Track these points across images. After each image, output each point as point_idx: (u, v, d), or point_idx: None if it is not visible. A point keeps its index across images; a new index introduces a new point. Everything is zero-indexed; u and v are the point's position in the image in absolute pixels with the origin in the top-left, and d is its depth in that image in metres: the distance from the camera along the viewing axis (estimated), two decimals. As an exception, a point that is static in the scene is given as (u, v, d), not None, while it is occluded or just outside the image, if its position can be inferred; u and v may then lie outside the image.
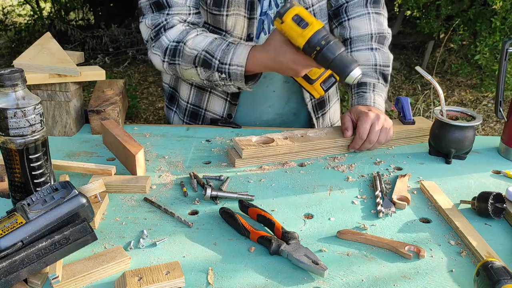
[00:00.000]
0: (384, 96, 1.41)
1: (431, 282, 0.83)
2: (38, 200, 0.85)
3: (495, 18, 3.52)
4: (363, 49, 1.44)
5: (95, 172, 1.15)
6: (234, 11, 1.36)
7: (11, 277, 0.77)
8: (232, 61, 1.25)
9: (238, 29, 1.38)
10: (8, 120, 0.92)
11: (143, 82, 5.00)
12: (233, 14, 1.36)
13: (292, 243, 0.89)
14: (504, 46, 1.26)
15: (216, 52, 1.27)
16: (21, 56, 1.37)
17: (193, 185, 1.13)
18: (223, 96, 1.49)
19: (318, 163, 1.26)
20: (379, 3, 1.48)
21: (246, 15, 1.37)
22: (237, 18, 1.37)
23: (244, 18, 1.37)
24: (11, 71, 0.91)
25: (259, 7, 1.38)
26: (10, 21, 6.83)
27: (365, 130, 1.25)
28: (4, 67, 1.94)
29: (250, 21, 1.38)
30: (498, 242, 0.94)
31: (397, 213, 1.04)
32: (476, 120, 1.26)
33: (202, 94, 1.51)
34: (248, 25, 1.38)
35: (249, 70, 1.25)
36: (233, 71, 1.25)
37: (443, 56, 5.19)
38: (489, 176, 1.21)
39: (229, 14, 1.36)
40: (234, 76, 1.26)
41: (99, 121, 1.39)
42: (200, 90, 1.51)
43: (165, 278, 0.80)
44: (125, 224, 0.99)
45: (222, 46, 1.27)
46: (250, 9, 1.36)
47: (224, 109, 1.51)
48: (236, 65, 1.24)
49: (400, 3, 5.05)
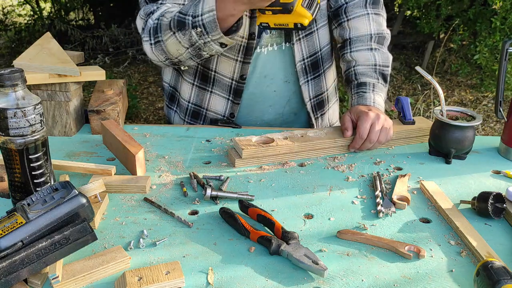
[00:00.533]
0: (383, 96, 1.41)
1: (431, 282, 0.83)
2: (38, 200, 0.85)
3: (495, 18, 3.52)
4: (363, 49, 1.44)
5: (95, 172, 1.15)
6: None
7: (11, 277, 0.77)
8: (202, 10, 1.18)
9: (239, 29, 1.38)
10: (8, 120, 0.92)
11: (143, 82, 5.00)
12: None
13: (292, 243, 0.89)
14: (504, 46, 1.26)
15: (189, 10, 1.21)
16: (21, 56, 1.37)
17: (193, 185, 1.13)
18: (225, 96, 1.49)
19: (318, 163, 1.26)
20: (378, 3, 1.49)
21: (247, 14, 1.37)
22: None
23: (245, 16, 1.37)
24: (11, 71, 0.91)
25: None
26: (10, 21, 6.83)
27: (365, 129, 1.25)
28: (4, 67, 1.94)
29: (252, 20, 1.38)
30: (498, 242, 0.94)
31: (397, 213, 1.04)
32: (476, 120, 1.26)
33: (204, 93, 1.51)
34: (250, 24, 1.38)
35: (222, 17, 1.18)
36: (206, 20, 1.18)
37: (443, 56, 5.19)
38: (489, 176, 1.21)
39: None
40: (209, 27, 1.19)
41: (99, 121, 1.39)
42: (201, 89, 1.51)
43: (165, 278, 0.80)
44: (125, 224, 0.99)
45: (194, 3, 1.21)
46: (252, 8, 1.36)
47: (226, 109, 1.51)
48: (208, 11, 1.17)
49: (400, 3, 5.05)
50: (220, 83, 1.48)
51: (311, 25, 1.45)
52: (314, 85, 1.54)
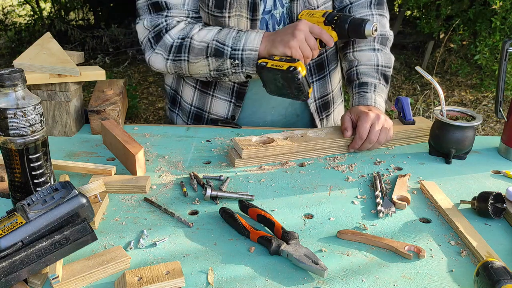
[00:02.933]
0: (384, 97, 1.41)
1: (431, 282, 0.83)
2: (38, 200, 0.85)
3: (495, 18, 3.52)
4: (366, 49, 1.44)
5: (95, 172, 1.15)
6: (236, 13, 1.36)
7: (11, 277, 0.77)
8: (245, 46, 1.27)
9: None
10: (8, 120, 0.92)
11: (143, 82, 5.00)
12: (235, 15, 1.36)
13: (292, 243, 0.89)
14: (504, 46, 1.26)
15: (227, 40, 1.29)
16: (21, 56, 1.37)
17: (193, 185, 1.13)
18: (227, 99, 1.48)
19: (318, 163, 1.26)
20: (382, 4, 1.49)
21: (248, 16, 1.37)
22: (239, 20, 1.37)
23: (246, 19, 1.37)
24: (11, 71, 0.91)
25: (261, 7, 1.38)
26: (10, 21, 6.83)
27: (365, 130, 1.25)
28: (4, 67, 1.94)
29: (253, 22, 1.38)
30: (498, 242, 0.94)
31: (397, 213, 1.04)
32: (476, 120, 1.26)
33: (205, 97, 1.51)
34: (251, 26, 1.38)
35: (262, 55, 1.28)
36: (246, 56, 1.27)
37: (443, 56, 5.19)
38: (489, 176, 1.21)
39: (231, 15, 1.36)
40: (247, 62, 1.28)
41: (99, 121, 1.39)
42: (203, 93, 1.51)
43: (165, 278, 0.80)
44: (125, 224, 0.99)
45: (231, 34, 1.30)
46: (253, 10, 1.36)
47: (228, 111, 1.50)
48: (250, 49, 1.27)
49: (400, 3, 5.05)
50: (222, 87, 1.48)
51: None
52: (319, 86, 1.54)
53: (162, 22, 1.34)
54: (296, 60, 1.22)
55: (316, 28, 1.26)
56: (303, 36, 1.23)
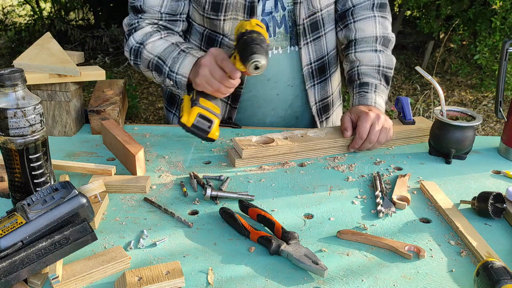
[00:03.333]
0: (384, 98, 1.41)
1: (431, 282, 0.83)
2: (38, 200, 0.85)
3: (495, 18, 3.52)
4: (367, 50, 1.44)
5: (95, 172, 1.15)
6: (232, 16, 1.36)
7: (11, 277, 0.77)
8: (178, 70, 1.27)
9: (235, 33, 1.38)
10: (8, 120, 0.92)
11: (143, 82, 5.00)
12: (230, 18, 1.36)
13: (292, 243, 0.89)
14: (504, 46, 1.26)
15: (168, 59, 1.30)
16: (21, 56, 1.37)
17: (193, 185, 1.13)
18: (224, 100, 1.48)
19: (318, 163, 1.26)
20: (385, 7, 1.49)
21: (243, 19, 1.37)
22: (234, 23, 1.37)
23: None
24: (11, 71, 0.91)
25: (259, 9, 1.38)
26: (10, 21, 6.83)
27: (365, 129, 1.25)
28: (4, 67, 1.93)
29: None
30: (498, 242, 0.94)
31: (397, 213, 1.04)
32: (476, 120, 1.26)
33: None
34: None
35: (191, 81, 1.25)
36: (178, 80, 1.28)
37: (443, 56, 5.19)
38: (489, 176, 1.21)
39: (226, 18, 1.36)
40: (179, 85, 1.29)
41: (99, 121, 1.39)
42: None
43: (165, 278, 0.80)
44: (125, 224, 0.99)
45: (173, 54, 1.29)
46: (250, 13, 1.36)
47: (224, 113, 1.50)
48: (181, 75, 1.27)
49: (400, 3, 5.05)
50: None
51: (319, 29, 1.46)
52: (320, 89, 1.54)
53: (134, 23, 1.39)
54: (196, 102, 1.15)
55: (219, 58, 1.16)
56: (207, 72, 1.16)
